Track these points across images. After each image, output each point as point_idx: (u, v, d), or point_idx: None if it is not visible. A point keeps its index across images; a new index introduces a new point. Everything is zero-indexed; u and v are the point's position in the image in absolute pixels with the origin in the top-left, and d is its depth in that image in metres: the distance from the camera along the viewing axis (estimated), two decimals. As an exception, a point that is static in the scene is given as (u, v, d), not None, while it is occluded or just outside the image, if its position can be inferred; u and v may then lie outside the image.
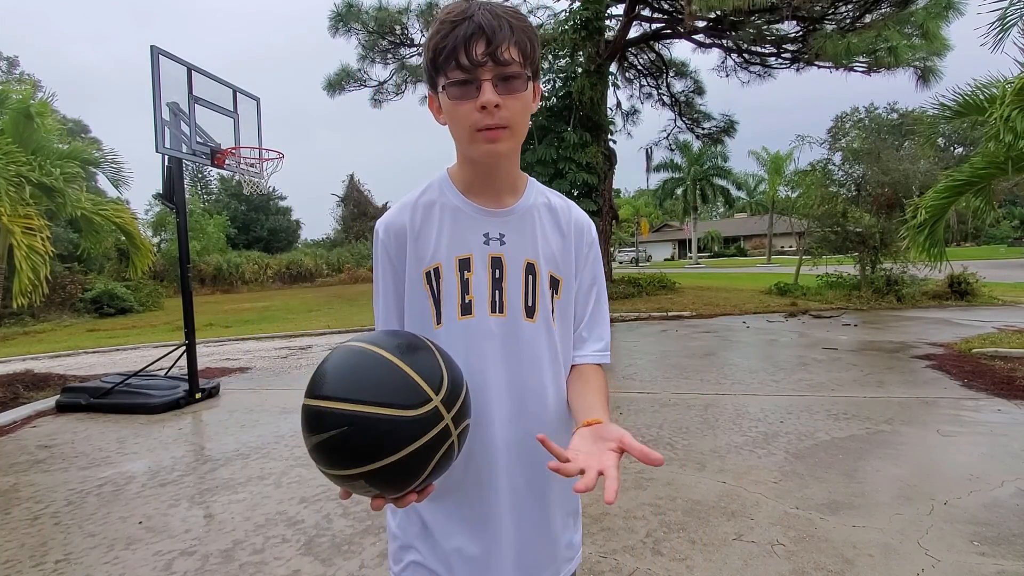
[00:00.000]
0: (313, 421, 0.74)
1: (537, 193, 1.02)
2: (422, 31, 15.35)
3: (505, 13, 0.86)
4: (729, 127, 17.74)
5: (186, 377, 5.44)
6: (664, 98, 17.72)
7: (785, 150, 31.67)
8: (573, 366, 1.04)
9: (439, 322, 0.94)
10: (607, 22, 14.13)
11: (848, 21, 12.71)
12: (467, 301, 0.93)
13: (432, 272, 0.94)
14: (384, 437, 0.72)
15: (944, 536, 2.41)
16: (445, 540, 0.95)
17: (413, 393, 0.74)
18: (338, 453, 0.73)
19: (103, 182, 13.12)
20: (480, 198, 0.96)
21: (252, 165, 6.15)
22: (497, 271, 0.95)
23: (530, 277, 0.96)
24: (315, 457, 0.76)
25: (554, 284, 0.98)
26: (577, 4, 13.52)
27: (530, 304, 0.95)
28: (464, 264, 0.94)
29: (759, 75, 15.28)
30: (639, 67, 17.40)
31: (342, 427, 0.72)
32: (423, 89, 16.05)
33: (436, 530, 0.96)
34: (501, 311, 0.94)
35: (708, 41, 14.72)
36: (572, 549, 1.05)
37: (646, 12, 14.51)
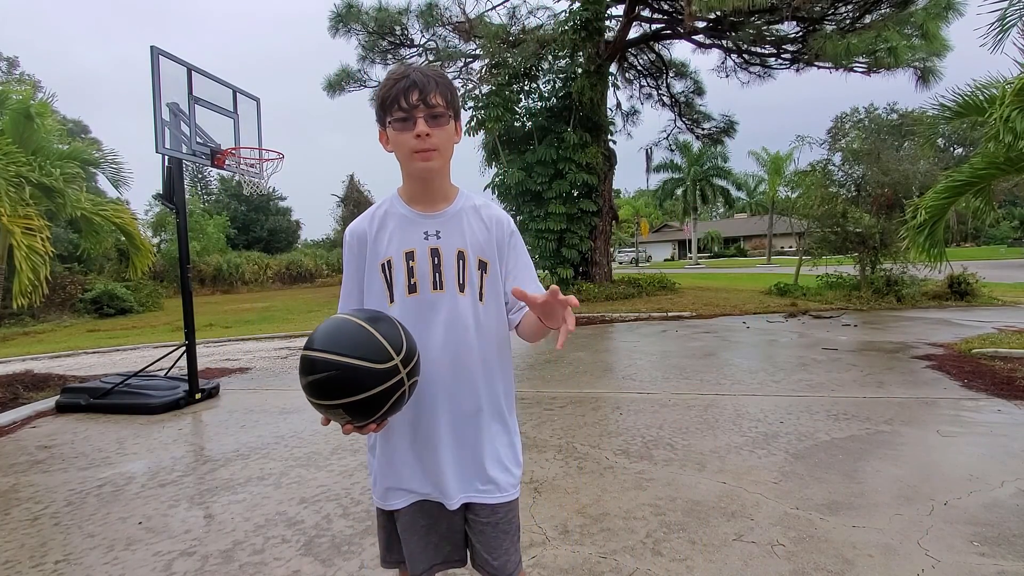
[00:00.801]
0: (310, 365, 1.05)
1: (465, 199, 1.34)
2: (422, 31, 15.37)
3: (433, 73, 1.22)
4: (729, 127, 17.76)
5: (186, 377, 5.43)
6: (664, 98, 17.74)
7: (785, 150, 31.72)
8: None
9: (392, 300, 1.27)
10: (607, 23, 14.13)
11: (848, 22, 12.72)
12: (412, 283, 1.26)
13: (386, 263, 1.27)
14: (359, 380, 1.03)
15: (944, 536, 2.41)
16: (400, 459, 1.29)
17: (380, 352, 1.05)
18: (326, 388, 1.04)
19: (103, 182, 13.13)
20: (420, 206, 1.30)
21: (252, 165, 6.15)
22: (436, 259, 1.27)
23: (461, 262, 1.27)
24: (309, 391, 1.06)
25: (482, 266, 1.29)
26: (577, 5, 13.52)
27: (461, 282, 1.27)
28: (409, 256, 1.26)
29: (759, 75, 15.30)
30: (639, 67, 17.41)
31: (331, 371, 1.03)
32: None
33: (396, 455, 1.29)
34: (441, 288, 1.26)
35: (708, 42, 14.73)
36: (509, 476, 1.32)
37: (646, 13, 14.52)
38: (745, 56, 14.99)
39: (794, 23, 13.16)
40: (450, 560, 1.36)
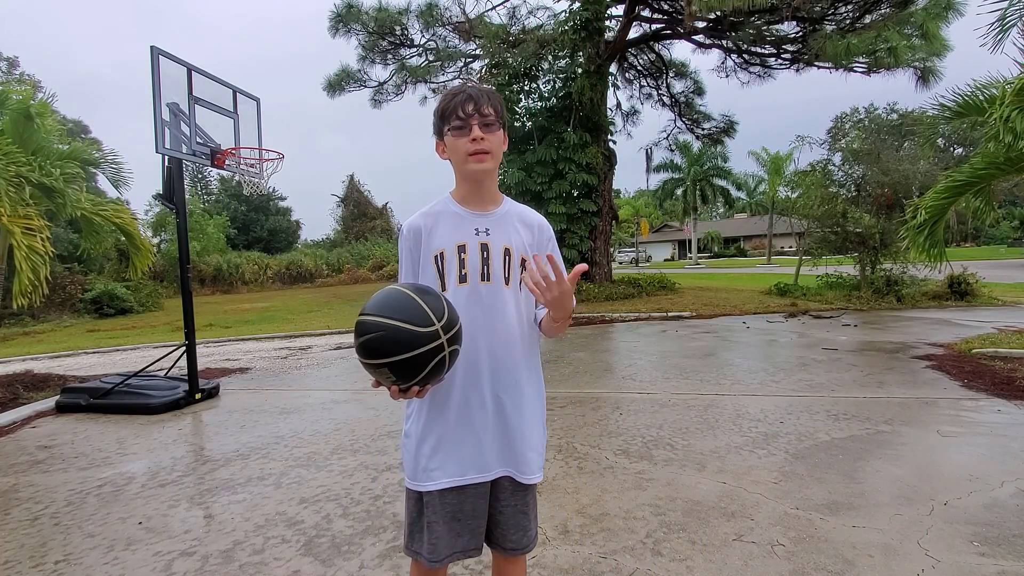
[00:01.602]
0: (362, 327, 1.19)
1: (511, 205, 1.51)
2: (422, 31, 15.38)
3: (484, 88, 1.41)
4: (729, 127, 17.75)
5: (186, 377, 5.43)
6: (664, 98, 17.73)
7: (785, 150, 31.71)
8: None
9: (444, 288, 1.39)
10: (607, 23, 14.13)
11: (848, 22, 12.71)
12: (463, 273, 1.39)
13: (439, 255, 1.40)
14: (403, 341, 1.15)
15: (944, 536, 2.41)
16: (442, 438, 1.38)
17: (424, 317, 1.17)
18: (375, 348, 1.17)
19: (103, 182, 13.14)
20: (472, 206, 1.45)
21: (252, 165, 6.15)
22: (485, 253, 1.41)
23: (507, 258, 1.42)
24: (360, 352, 1.20)
25: (523, 264, 1.43)
26: (577, 5, 13.53)
27: (506, 276, 1.41)
28: (461, 248, 1.40)
29: (759, 76, 15.29)
30: (639, 67, 17.40)
31: (380, 331, 1.16)
32: (423, 90, 16.03)
33: (439, 434, 1.38)
34: (488, 280, 1.40)
35: (708, 42, 14.73)
36: (539, 459, 1.46)
37: (646, 13, 14.51)
38: (745, 56, 14.98)
39: (794, 23, 13.15)
40: (467, 549, 1.43)
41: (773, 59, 14.64)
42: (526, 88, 14.10)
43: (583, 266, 1.36)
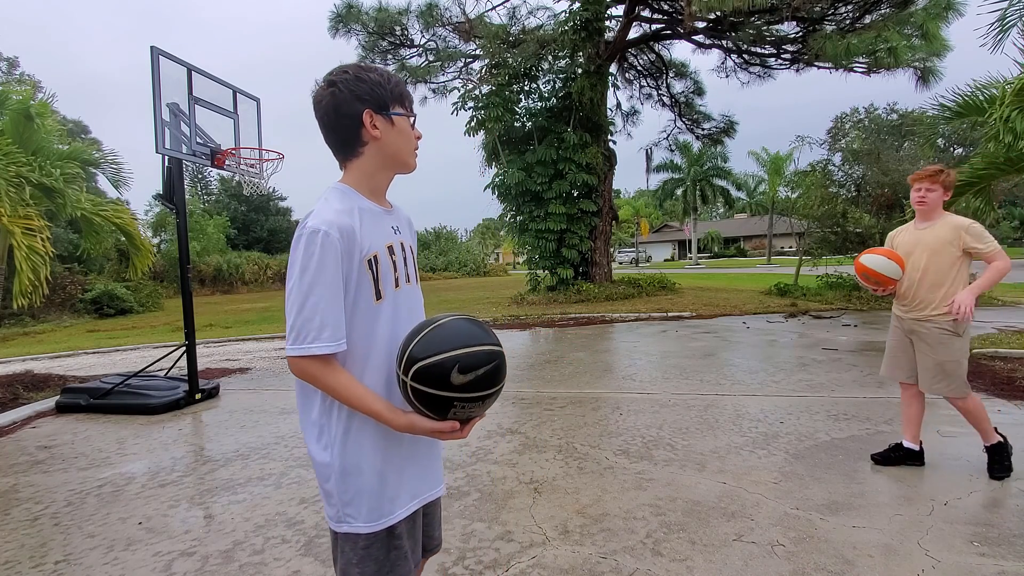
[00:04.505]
0: (474, 360, 1.07)
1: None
2: (422, 32, 15.37)
3: None
4: (729, 127, 17.74)
5: (186, 378, 5.43)
6: (664, 99, 17.73)
7: (785, 151, 31.75)
8: None
9: (379, 296, 1.21)
10: (607, 23, 14.13)
11: (848, 22, 12.71)
12: (396, 277, 1.26)
13: (372, 259, 1.20)
14: (505, 363, 1.13)
15: (944, 536, 2.41)
16: (403, 461, 1.27)
17: (498, 341, 1.14)
18: (497, 375, 1.10)
19: (103, 182, 13.16)
20: (382, 202, 1.31)
21: (252, 166, 6.15)
22: (403, 253, 1.31)
23: (412, 256, 1.35)
24: (479, 385, 1.07)
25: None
26: (577, 5, 13.53)
27: (417, 275, 1.37)
28: (391, 249, 1.26)
29: (759, 76, 15.28)
30: (639, 68, 17.40)
31: (495, 360, 1.09)
32: (423, 90, 16.02)
33: (399, 459, 1.26)
34: (409, 281, 1.32)
35: (708, 42, 14.72)
36: None
37: (646, 13, 14.51)
38: (745, 56, 14.98)
39: (794, 23, 13.15)
40: (417, 563, 1.36)
41: (773, 59, 14.64)
42: (526, 88, 14.11)
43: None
